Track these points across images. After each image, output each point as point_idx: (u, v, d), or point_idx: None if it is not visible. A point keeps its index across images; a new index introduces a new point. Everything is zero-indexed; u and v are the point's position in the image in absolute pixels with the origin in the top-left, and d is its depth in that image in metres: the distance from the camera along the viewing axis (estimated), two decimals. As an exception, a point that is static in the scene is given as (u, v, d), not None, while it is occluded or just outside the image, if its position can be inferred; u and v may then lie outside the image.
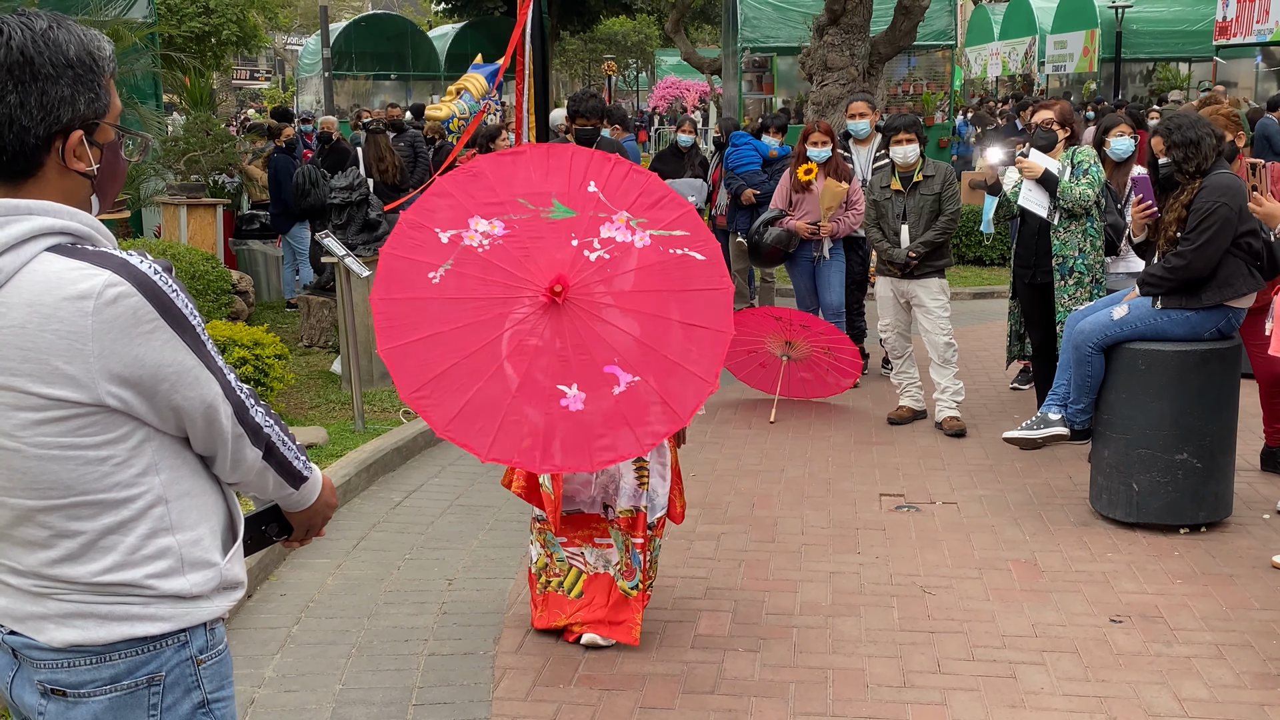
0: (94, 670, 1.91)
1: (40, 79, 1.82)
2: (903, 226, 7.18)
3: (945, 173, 7.27)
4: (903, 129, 7.15)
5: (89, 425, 1.83)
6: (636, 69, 52.33)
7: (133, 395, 1.84)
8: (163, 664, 1.95)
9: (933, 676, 4.12)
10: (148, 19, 11.82)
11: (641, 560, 4.32)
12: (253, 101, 43.62)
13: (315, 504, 2.21)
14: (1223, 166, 5.37)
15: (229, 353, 6.83)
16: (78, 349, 1.78)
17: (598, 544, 4.36)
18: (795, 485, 6.24)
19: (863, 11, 12.54)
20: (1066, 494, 6.01)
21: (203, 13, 21.72)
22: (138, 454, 1.88)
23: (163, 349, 1.84)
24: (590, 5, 30.98)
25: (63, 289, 1.78)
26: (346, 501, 5.98)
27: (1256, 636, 4.37)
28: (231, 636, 4.45)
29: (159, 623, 1.93)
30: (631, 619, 4.32)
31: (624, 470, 4.28)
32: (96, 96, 1.88)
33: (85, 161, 1.88)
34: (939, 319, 7.16)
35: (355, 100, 34.03)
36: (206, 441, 1.96)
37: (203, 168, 11.13)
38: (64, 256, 1.81)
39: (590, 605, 4.36)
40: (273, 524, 2.22)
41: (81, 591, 1.89)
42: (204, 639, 2.00)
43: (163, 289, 1.84)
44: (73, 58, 1.84)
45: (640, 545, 4.32)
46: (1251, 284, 5.34)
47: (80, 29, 1.88)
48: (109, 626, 1.90)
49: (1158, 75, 27.68)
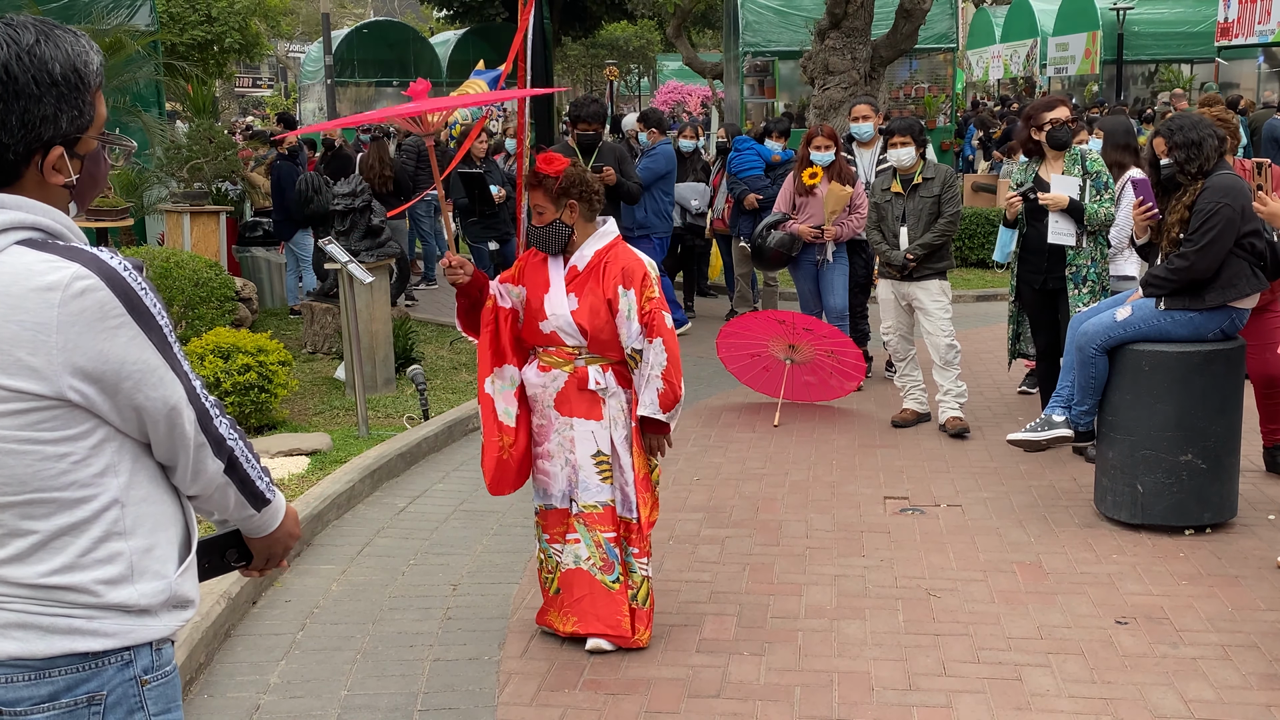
0: (32, 687, 1.83)
1: (23, 97, 1.79)
2: (902, 229, 7.18)
3: (946, 175, 7.26)
4: (898, 132, 7.15)
5: (49, 420, 1.80)
6: (638, 74, 52.36)
7: (95, 391, 1.81)
8: (104, 682, 1.87)
9: (938, 679, 4.11)
10: (150, 27, 11.86)
11: (618, 554, 4.29)
12: (255, 110, 43.67)
13: (277, 531, 2.14)
14: (1225, 167, 5.37)
15: (233, 360, 6.84)
16: (42, 340, 1.76)
17: (568, 540, 4.35)
18: (799, 489, 6.24)
19: (864, 15, 12.56)
20: (1071, 496, 6.00)
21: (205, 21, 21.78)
22: (97, 453, 1.85)
23: (128, 345, 1.81)
24: (591, 10, 30.99)
25: (30, 280, 1.76)
26: (351, 507, 5.98)
27: (1263, 638, 4.36)
28: (236, 643, 4.48)
29: (102, 638, 1.86)
30: (617, 613, 4.28)
31: (586, 465, 4.28)
32: (80, 113, 1.85)
33: (64, 174, 1.86)
34: (940, 321, 7.15)
35: (357, 107, 34.08)
36: (168, 447, 1.91)
37: (206, 175, 11.15)
38: (34, 250, 1.79)
39: (570, 603, 4.35)
40: (232, 550, 2.14)
41: (24, 599, 1.83)
42: (149, 659, 1.92)
43: (131, 285, 1.82)
44: (58, 76, 1.81)
45: (613, 539, 4.29)
46: (1255, 284, 5.33)
47: (70, 41, 1.84)
48: (50, 640, 1.83)
49: (1160, 77, 27.67)
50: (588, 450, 4.28)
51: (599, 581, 4.31)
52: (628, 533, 4.33)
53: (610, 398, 4.28)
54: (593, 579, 4.31)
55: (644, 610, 4.36)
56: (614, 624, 4.29)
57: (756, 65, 20.67)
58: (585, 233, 4.27)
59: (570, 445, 4.30)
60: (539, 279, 4.29)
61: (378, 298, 8.08)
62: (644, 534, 4.32)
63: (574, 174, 4.21)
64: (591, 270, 4.22)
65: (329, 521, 5.74)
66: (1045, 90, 29.22)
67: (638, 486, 4.27)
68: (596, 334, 4.20)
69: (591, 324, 4.19)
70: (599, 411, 4.27)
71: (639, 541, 4.34)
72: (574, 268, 4.24)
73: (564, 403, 4.28)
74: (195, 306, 8.13)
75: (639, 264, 4.23)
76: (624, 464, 4.29)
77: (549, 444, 4.35)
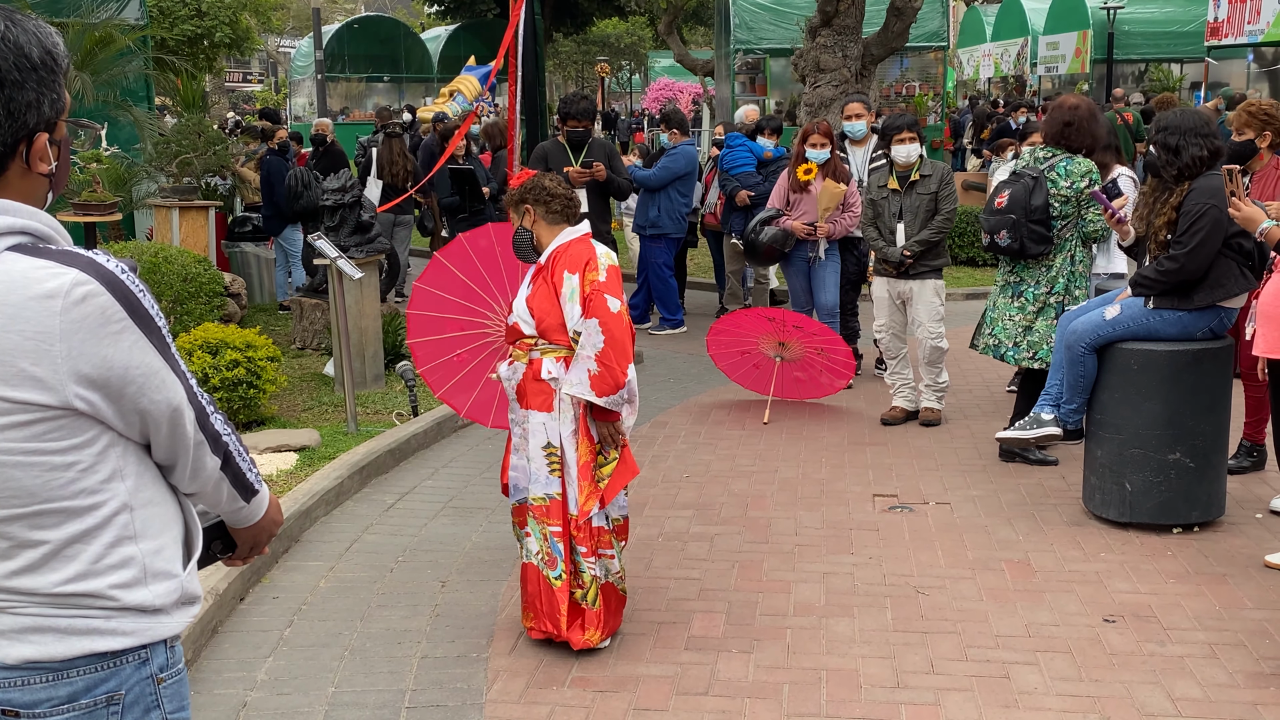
0: (50, 688, 1.83)
1: (7, 85, 1.76)
2: (899, 225, 7.19)
3: (942, 173, 7.28)
4: (905, 128, 7.17)
5: (55, 430, 1.77)
6: (630, 71, 52.35)
7: (100, 397, 1.79)
8: (122, 682, 1.87)
9: (926, 677, 4.12)
10: (140, 21, 11.79)
11: (562, 550, 4.25)
12: (245, 104, 43.57)
13: (262, 520, 2.15)
14: (1214, 169, 5.38)
15: (221, 355, 6.82)
16: (45, 350, 1.73)
17: (527, 532, 4.36)
18: (789, 486, 6.24)
19: (855, 13, 12.56)
20: (1060, 494, 6.01)
21: (195, 15, 21.72)
22: (103, 460, 1.83)
23: (131, 350, 1.79)
24: (583, 7, 30.97)
25: (29, 288, 1.72)
26: (339, 504, 5.97)
27: (1250, 636, 4.38)
28: (224, 639, 4.46)
29: (120, 637, 1.86)
30: (557, 612, 4.25)
31: (537, 457, 4.28)
32: (58, 96, 1.83)
33: (47, 162, 1.84)
34: (932, 323, 7.17)
35: (347, 102, 34.01)
36: (169, 448, 1.91)
37: (195, 170, 11.11)
38: (27, 255, 1.75)
39: (527, 601, 4.37)
40: (216, 540, 2.15)
41: (40, 604, 1.82)
42: (164, 656, 1.93)
43: (130, 289, 1.80)
44: (36, 60, 1.79)
45: (558, 534, 4.26)
46: (1243, 284, 5.35)
47: (34, 25, 1.81)
48: (68, 641, 1.83)
49: (1150, 76, 27.74)
50: (539, 442, 4.29)
51: (544, 576, 4.31)
52: (576, 530, 4.29)
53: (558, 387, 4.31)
54: (540, 573, 4.32)
55: (593, 611, 4.29)
56: (554, 620, 4.28)
57: (748, 63, 20.69)
58: (550, 235, 4.38)
59: (524, 435, 4.33)
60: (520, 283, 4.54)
61: (367, 293, 8.07)
62: (581, 525, 4.26)
63: (529, 181, 4.41)
64: (550, 262, 4.35)
65: (317, 518, 5.72)
66: (1035, 89, 29.28)
67: (579, 473, 4.25)
68: (543, 318, 4.27)
69: (539, 308, 4.28)
70: (551, 404, 4.27)
71: (586, 540, 4.28)
72: (539, 264, 4.39)
73: (522, 395, 4.33)
74: (184, 302, 8.10)
75: (588, 250, 4.29)
76: (568, 459, 4.27)
77: (516, 437, 4.40)
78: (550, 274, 4.29)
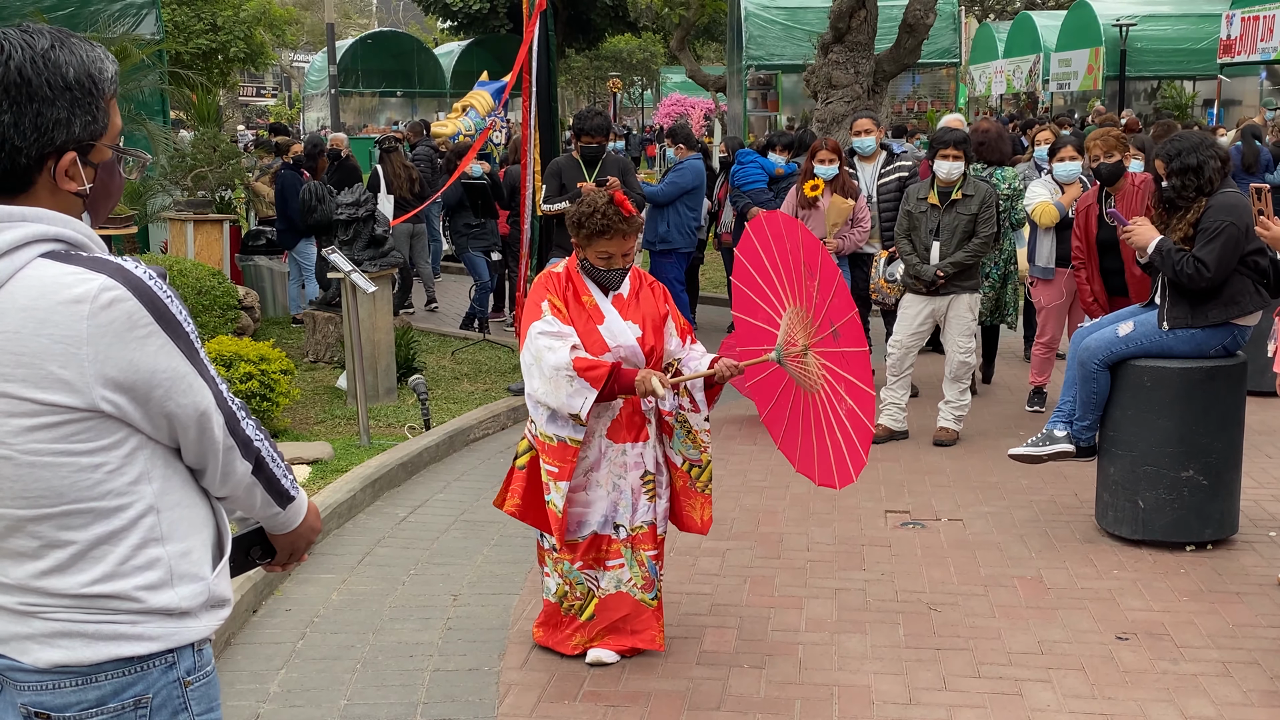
0: (80, 692, 1.87)
1: (36, 100, 1.80)
2: (934, 243, 7.10)
3: (985, 194, 7.14)
4: (952, 144, 7.09)
5: (82, 431, 1.81)
6: (641, 86, 52.51)
7: (127, 401, 1.82)
8: (150, 685, 1.90)
9: (939, 694, 4.11)
10: (155, 36, 11.88)
11: (657, 570, 4.37)
12: (259, 118, 43.80)
13: (300, 527, 2.18)
14: (1229, 186, 5.39)
15: (235, 368, 6.85)
16: (72, 353, 1.77)
17: (609, 567, 4.34)
18: (800, 501, 6.23)
19: (867, 29, 12.59)
20: (1072, 511, 6.00)
21: (210, 30, 21.84)
22: (130, 462, 1.86)
23: (157, 354, 1.83)
24: (595, 23, 31.11)
25: (58, 293, 1.77)
26: (351, 517, 5.98)
27: (1263, 654, 4.36)
28: (236, 651, 4.47)
29: (147, 642, 1.89)
30: (653, 627, 4.36)
31: (635, 486, 4.31)
32: (94, 119, 1.86)
33: (78, 182, 1.87)
34: (962, 338, 7.14)
35: (361, 117, 34.18)
36: (198, 452, 1.94)
37: (210, 184, 11.17)
38: (58, 262, 1.79)
39: (606, 626, 4.35)
40: (256, 547, 2.18)
41: (68, 608, 1.85)
42: (192, 660, 1.96)
43: (158, 294, 1.83)
44: (71, 80, 1.82)
45: (655, 557, 4.35)
46: (1258, 302, 5.34)
47: (85, 48, 1.86)
48: (96, 646, 1.86)
49: (1162, 93, 27.73)
50: (638, 473, 4.32)
51: (639, 601, 4.34)
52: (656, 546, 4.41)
53: (650, 415, 4.39)
54: (635, 600, 4.34)
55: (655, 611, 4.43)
56: (650, 639, 4.34)
57: (760, 78, 20.74)
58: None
59: (622, 471, 4.31)
60: (582, 314, 4.23)
61: (380, 307, 8.09)
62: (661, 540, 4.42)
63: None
64: (634, 294, 4.33)
65: (330, 530, 5.74)
66: (1048, 106, 29.28)
67: (680, 495, 4.43)
68: (654, 353, 4.29)
69: (655, 345, 4.30)
70: (646, 432, 4.35)
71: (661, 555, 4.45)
72: (619, 295, 4.30)
73: (616, 430, 4.29)
74: (198, 315, 8.14)
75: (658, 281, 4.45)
76: (662, 481, 4.40)
77: (597, 474, 4.29)
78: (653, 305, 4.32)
